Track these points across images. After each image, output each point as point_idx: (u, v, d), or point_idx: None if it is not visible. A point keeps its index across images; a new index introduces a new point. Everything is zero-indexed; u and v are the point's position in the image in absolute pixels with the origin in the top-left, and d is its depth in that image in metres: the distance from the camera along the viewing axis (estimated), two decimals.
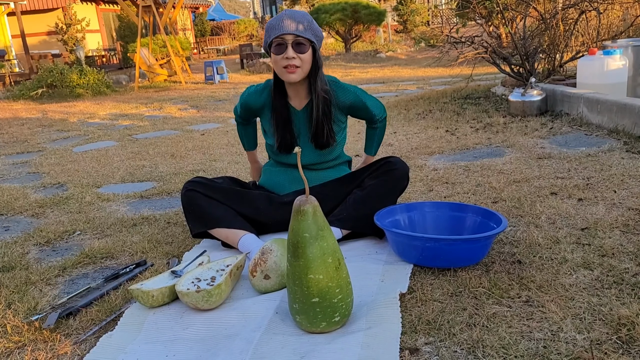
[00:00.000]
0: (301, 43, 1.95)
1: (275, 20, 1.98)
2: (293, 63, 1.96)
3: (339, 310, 1.42)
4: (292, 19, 1.95)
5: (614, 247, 1.82)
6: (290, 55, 1.95)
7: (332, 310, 1.40)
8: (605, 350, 1.27)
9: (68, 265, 2.11)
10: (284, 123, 2.14)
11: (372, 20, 16.92)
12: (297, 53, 1.95)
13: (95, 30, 18.13)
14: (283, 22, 1.95)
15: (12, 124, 6.97)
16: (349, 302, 1.45)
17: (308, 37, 1.96)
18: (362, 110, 2.21)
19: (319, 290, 1.38)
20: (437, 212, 2.08)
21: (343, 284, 1.42)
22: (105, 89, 10.54)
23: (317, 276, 1.37)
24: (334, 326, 1.44)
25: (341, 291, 1.41)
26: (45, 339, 1.55)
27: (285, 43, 1.95)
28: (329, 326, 1.43)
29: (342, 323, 1.46)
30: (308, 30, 1.96)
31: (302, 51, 1.96)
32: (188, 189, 2.12)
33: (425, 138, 4.05)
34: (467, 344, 1.34)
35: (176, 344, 1.49)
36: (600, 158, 2.97)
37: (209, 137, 4.99)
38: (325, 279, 1.38)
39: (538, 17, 5.19)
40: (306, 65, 2.00)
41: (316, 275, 1.37)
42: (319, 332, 1.45)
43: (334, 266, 1.39)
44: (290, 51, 1.95)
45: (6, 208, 3.05)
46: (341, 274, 1.41)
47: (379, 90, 7.85)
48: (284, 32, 1.93)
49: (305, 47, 1.96)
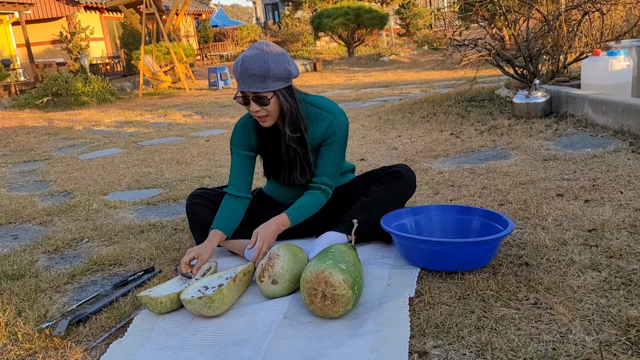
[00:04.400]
0: (262, 97, 1.85)
1: (236, 72, 1.86)
2: (259, 115, 1.90)
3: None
4: (248, 75, 1.81)
5: (621, 248, 1.82)
6: (254, 110, 1.87)
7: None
8: (615, 352, 1.27)
9: (77, 273, 2.13)
10: (271, 152, 2.09)
11: (374, 24, 16.96)
12: (260, 106, 1.87)
13: (99, 38, 18.23)
14: (241, 79, 1.84)
15: (18, 132, 7.01)
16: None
17: (268, 90, 1.83)
18: (323, 152, 2.02)
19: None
20: (444, 215, 2.08)
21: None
22: (109, 97, 10.59)
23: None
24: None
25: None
26: (56, 346, 1.56)
27: (247, 97, 1.87)
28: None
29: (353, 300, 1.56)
30: (269, 80, 1.82)
31: (264, 104, 1.86)
32: (192, 202, 2.14)
33: (430, 141, 4.05)
34: (476, 347, 1.34)
35: (185, 349, 1.49)
36: (606, 159, 2.96)
37: (214, 143, 5.01)
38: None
39: (541, 19, 5.19)
40: (274, 112, 1.91)
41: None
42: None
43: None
44: (253, 106, 1.87)
45: (14, 216, 3.07)
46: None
47: (383, 94, 7.86)
48: (243, 89, 1.84)
49: (267, 99, 1.85)
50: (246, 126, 2.09)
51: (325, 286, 1.53)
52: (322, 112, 2.01)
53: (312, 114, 2.00)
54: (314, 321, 1.57)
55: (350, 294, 1.53)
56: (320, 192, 2.03)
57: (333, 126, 1.99)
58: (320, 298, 1.54)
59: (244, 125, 2.10)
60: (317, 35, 20.04)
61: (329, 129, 1.99)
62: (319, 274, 1.54)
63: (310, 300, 1.56)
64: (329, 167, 2.03)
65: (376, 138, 4.43)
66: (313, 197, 2.02)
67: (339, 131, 2.00)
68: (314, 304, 1.56)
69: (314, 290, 1.54)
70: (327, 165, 2.02)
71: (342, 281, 1.53)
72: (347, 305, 1.54)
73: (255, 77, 1.81)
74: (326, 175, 2.03)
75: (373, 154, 3.84)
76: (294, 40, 21.14)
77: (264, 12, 33.20)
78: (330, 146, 2.01)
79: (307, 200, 2.01)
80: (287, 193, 2.20)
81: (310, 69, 14.59)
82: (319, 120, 2.00)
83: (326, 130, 2.00)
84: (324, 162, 2.02)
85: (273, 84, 1.83)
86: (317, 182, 2.03)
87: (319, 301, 1.54)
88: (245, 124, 2.10)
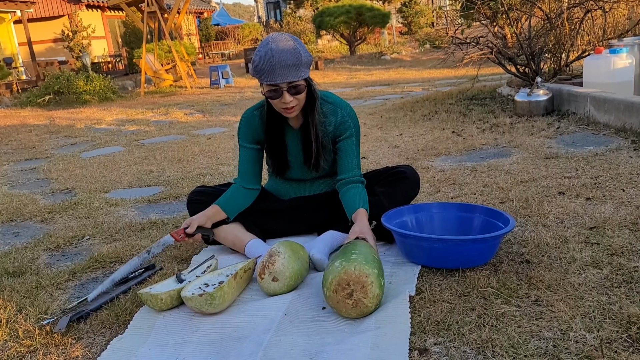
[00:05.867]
0: (297, 86, 1.85)
1: (266, 66, 1.81)
2: (290, 106, 1.88)
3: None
4: (283, 65, 1.79)
5: (623, 246, 1.82)
6: (288, 100, 1.85)
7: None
8: (616, 349, 1.27)
9: (78, 270, 2.13)
10: (278, 148, 2.10)
11: (376, 23, 16.93)
12: (293, 96, 1.86)
13: (101, 36, 18.24)
14: (275, 71, 1.80)
15: (20, 130, 7.02)
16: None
17: (302, 77, 1.84)
18: (345, 147, 2.05)
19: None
20: (445, 213, 2.08)
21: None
22: (111, 95, 10.59)
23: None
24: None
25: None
26: (56, 342, 1.56)
27: (280, 89, 1.84)
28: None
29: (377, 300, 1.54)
30: (301, 67, 1.82)
31: (298, 92, 1.86)
32: (193, 198, 2.14)
33: (432, 139, 4.04)
34: (477, 344, 1.34)
35: (186, 346, 1.49)
36: (608, 157, 2.96)
37: (215, 142, 5.01)
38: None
39: (543, 17, 5.18)
40: (303, 101, 1.92)
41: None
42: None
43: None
44: (286, 97, 1.85)
45: (16, 214, 3.07)
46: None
47: (385, 93, 7.85)
48: (277, 81, 1.81)
49: (301, 87, 1.86)
50: (252, 118, 2.10)
51: (359, 289, 1.49)
52: (332, 106, 2.04)
53: (323, 108, 2.03)
54: (315, 318, 1.57)
55: (372, 309, 1.52)
56: (361, 185, 2.04)
57: (347, 121, 2.03)
58: (345, 294, 1.50)
59: (250, 117, 2.10)
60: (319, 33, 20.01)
61: (343, 123, 2.03)
62: (361, 276, 1.50)
63: (335, 289, 1.51)
64: (355, 160, 2.07)
65: (378, 136, 4.43)
66: (359, 189, 2.01)
67: (354, 124, 2.05)
68: (336, 293, 1.51)
69: (347, 285, 1.50)
70: (353, 158, 2.06)
71: (375, 295, 1.51)
72: (360, 314, 1.52)
73: (290, 67, 1.81)
74: (357, 168, 2.06)
75: (374, 152, 3.84)
76: None
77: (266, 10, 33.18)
78: (350, 139, 2.05)
79: (361, 194, 1.99)
80: (290, 189, 2.21)
81: (312, 68, 14.57)
82: (331, 114, 2.03)
83: (339, 125, 2.03)
84: (349, 156, 2.05)
85: (304, 71, 1.86)
86: (352, 176, 2.04)
87: (341, 296, 1.50)
88: (251, 116, 2.10)
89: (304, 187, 2.19)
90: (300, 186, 2.19)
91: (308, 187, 2.19)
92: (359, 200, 1.97)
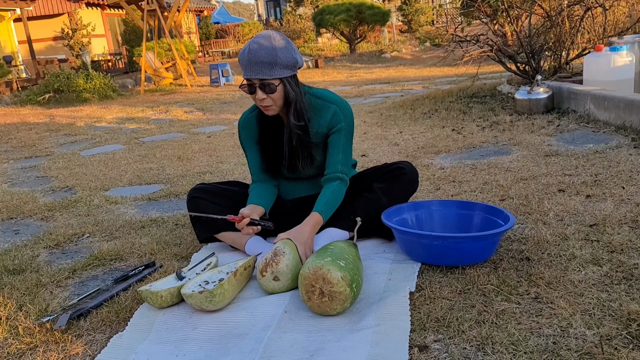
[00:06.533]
0: (268, 84, 1.84)
1: (243, 60, 1.85)
2: (264, 104, 1.89)
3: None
4: (256, 62, 1.81)
5: (622, 243, 1.82)
6: (260, 97, 1.87)
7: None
8: (615, 346, 1.27)
9: (78, 268, 2.13)
10: (273, 144, 2.08)
11: (376, 21, 16.93)
12: (266, 94, 1.86)
13: (101, 34, 18.22)
14: (248, 66, 1.83)
15: (20, 129, 7.02)
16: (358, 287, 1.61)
17: (275, 77, 1.84)
18: (332, 141, 2.03)
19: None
20: (445, 211, 2.08)
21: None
22: (111, 93, 10.59)
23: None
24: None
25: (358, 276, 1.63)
26: (56, 340, 1.56)
27: (253, 85, 1.86)
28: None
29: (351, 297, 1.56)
30: (275, 68, 1.83)
31: (271, 92, 1.86)
32: (192, 196, 2.14)
33: (432, 137, 4.04)
34: (477, 341, 1.34)
35: (186, 343, 1.49)
36: (608, 155, 2.96)
37: (215, 140, 5.01)
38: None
39: (543, 15, 5.17)
40: (279, 101, 1.90)
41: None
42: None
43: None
44: (259, 93, 1.86)
45: (16, 212, 3.07)
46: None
47: (385, 91, 7.85)
48: (250, 76, 1.84)
49: (273, 86, 1.85)
50: (249, 121, 2.11)
51: (323, 283, 1.52)
52: (325, 102, 2.02)
53: (316, 106, 2.01)
54: (315, 315, 1.57)
55: (348, 292, 1.53)
56: (338, 182, 2.01)
57: (338, 114, 2.01)
58: (317, 295, 1.53)
59: (247, 120, 2.11)
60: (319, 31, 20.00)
61: (334, 117, 2.01)
62: (317, 271, 1.53)
63: (308, 297, 1.55)
64: (340, 155, 2.02)
65: (378, 134, 4.43)
66: (333, 187, 2.00)
67: (345, 118, 2.01)
68: (312, 300, 1.55)
69: (312, 287, 1.53)
70: (337, 153, 2.02)
71: (340, 278, 1.52)
72: (345, 303, 1.53)
73: (262, 64, 1.81)
74: (339, 163, 2.02)
75: (374, 150, 3.84)
76: (295, 37, 21.10)
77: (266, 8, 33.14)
78: (338, 133, 2.02)
79: (330, 193, 1.98)
80: (288, 188, 2.20)
81: (312, 66, 14.57)
82: (323, 111, 2.01)
83: (331, 119, 2.01)
84: (334, 151, 2.02)
85: (280, 71, 1.84)
86: (332, 172, 2.01)
87: (316, 298, 1.53)
88: (247, 119, 2.11)
89: (302, 185, 2.18)
90: (297, 185, 2.18)
91: (306, 185, 2.18)
92: (321, 202, 1.96)
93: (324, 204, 1.96)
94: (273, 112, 1.94)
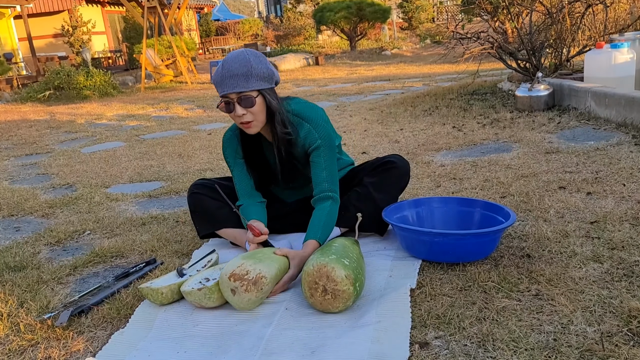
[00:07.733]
0: (246, 97, 1.77)
1: (218, 77, 1.79)
2: (244, 120, 1.81)
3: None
4: (230, 75, 1.75)
5: (623, 240, 1.82)
6: (240, 114, 1.79)
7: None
8: (616, 342, 1.27)
9: (79, 265, 2.13)
10: (257, 163, 2.05)
11: (377, 18, 16.89)
12: (245, 109, 1.79)
13: (101, 32, 18.20)
14: (223, 81, 1.76)
15: (20, 126, 7.02)
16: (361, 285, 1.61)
17: (252, 89, 1.77)
18: (313, 159, 1.95)
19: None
20: (445, 208, 2.08)
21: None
22: (111, 90, 10.58)
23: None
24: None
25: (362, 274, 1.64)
26: (58, 336, 1.57)
27: (231, 102, 1.79)
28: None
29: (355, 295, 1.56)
30: (251, 79, 1.76)
31: (250, 105, 1.78)
32: (193, 191, 2.14)
33: (432, 134, 4.04)
34: (477, 338, 1.34)
35: (187, 340, 1.50)
36: (609, 152, 2.96)
37: (216, 137, 5.00)
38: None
39: (544, 12, 5.16)
40: (260, 115, 1.82)
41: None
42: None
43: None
44: (238, 109, 1.78)
45: (16, 209, 3.07)
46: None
47: (385, 88, 7.84)
48: (226, 91, 1.77)
49: (252, 99, 1.78)
50: (231, 140, 2.05)
51: (326, 281, 1.52)
52: (300, 120, 1.94)
53: (293, 122, 1.94)
54: (316, 312, 1.57)
55: (352, 291, 1.53)
56: (329, 201, 1.93)
57: (312, 133, 1.92)
58: (320, 292, 1.53)
59: (230, 139, 2.05)
60: (319, 29, 19.96)
61: (308, 137, 1.93)
62: (321, 268, 1.53)
63: (311, 293, 1.55)
64: (323, 173, 1.95)
65: (378, 131, 4.43)
66: (325, 209, 1.91)
67: (320, 135, 1.93)
68: (314, 297, 1.55)
69: (315, 284, 1.53)
70: (321, 170, 1.95)
71: (344, 277, 1.52)
72: (347, 302, 1.54)
73: (238, 77, 1.75)
74: (325, 181, 1.94)
75: (375, 147, 3.84)
76: (296, 34, 21.07)
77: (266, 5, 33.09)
78: (317, 151, 1.94)
79: (323, 216, 1.90)
80: (289, 194, 2.20)
81: (313, 63, 14.56)
82: (299, 129, 1.94)
83: (305, 139, 1.93)
84: (318, 168, 1.95)
85: (256, 83, 1.78)
86: (320, 192, 1.94)
87: (319, 295, 1.54)
88: (230, 138, 2.05)
89: (303, 189, 2.17)
90: (298, 190, 2.18)
91: (307, 188, 2.15)
92: (317, 226, 1.88)
93: (320, 228, 1.87)
94: (255, 129, 1.85)
